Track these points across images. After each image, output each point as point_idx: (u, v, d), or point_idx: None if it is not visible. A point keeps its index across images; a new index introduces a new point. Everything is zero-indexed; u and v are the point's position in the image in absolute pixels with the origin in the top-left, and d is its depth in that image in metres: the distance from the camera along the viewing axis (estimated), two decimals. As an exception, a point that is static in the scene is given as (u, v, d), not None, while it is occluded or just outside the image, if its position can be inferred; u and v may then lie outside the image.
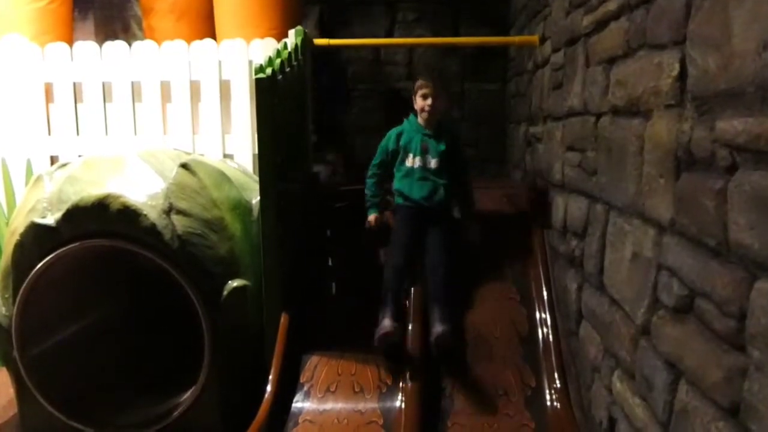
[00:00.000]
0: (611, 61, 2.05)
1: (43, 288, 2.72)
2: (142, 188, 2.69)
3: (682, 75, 1.48)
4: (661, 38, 1.61)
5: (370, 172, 3.04)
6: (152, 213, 2.61)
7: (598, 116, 2.21)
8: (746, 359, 1.21)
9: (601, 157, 2.21)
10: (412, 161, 2.91)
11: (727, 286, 1.28)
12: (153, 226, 2.60)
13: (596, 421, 2.20)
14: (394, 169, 2.99)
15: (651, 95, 1.69)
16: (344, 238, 3.33)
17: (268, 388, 2.55)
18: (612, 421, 2.03)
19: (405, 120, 2.99)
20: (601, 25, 2.16)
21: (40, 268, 2.65)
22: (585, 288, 2.38)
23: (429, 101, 2.83)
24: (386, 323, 2.60)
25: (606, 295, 2.11)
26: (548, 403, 2.49)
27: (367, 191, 3.05)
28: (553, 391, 2.50)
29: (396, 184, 2.99)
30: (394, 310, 2.67)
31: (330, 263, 3.33)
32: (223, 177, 2.93)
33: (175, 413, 2.70)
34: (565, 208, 2.68)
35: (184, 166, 2.78)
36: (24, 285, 2.67)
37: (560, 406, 2.44)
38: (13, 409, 2.99)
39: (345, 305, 3.08)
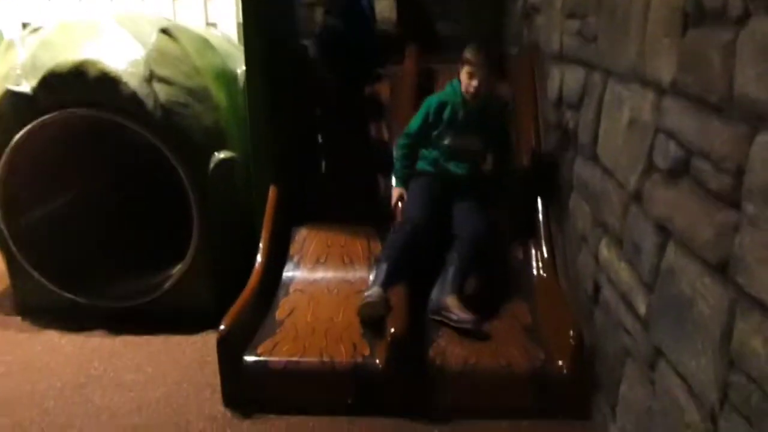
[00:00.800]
0: None
1: (26, 158, 2.66)
2: (120, 54, 2.57)
3: None
4: None
5: (402, 141, 2.67)
6: (132, 80, 2.52)
7: (603, -24, 2.08)
8: (739, 215, 1.19)
9: (602, 22, 2.11)
10: (452, 140, 2.60)
11: (726, 142, 1.24)
12: (134, 94, 2.51)
13: (582, 289, 2.24)
14: (430, 141, 2.65)
15: (661, -55, 1.57)
16: (334, 114, 3.24)
17: (258, 258, 2.57)
18: (597, 288, 2.06)
19: (448, 85, 2.65)
20: None
21: (19, 137, 2.58)
22: (577, 160, 2.35)
23: (475, 82, 2.49)
24: (374, 291, 2.32)
25: (599, 166, 2.08)
26: (534, 272, 2.53)
27: (396, 161, 2.70)
28: (539, 261, 2.54)
29: (429, 155, 2.67)
30: (387, 279, 2.36)
31: (320, 139, 3.27)
32: (206, 44, 2.81)
33: (166, 285, 2.74)
34: (561, 79, 2.60)
35: (165, 31, 2.65)
36: (5, 154, 2.61)
37: (546, 274, 2.48)
38: (4, 283, 3.02)
39: (334, 181, 3.06)
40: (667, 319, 1.51)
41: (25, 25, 3.34)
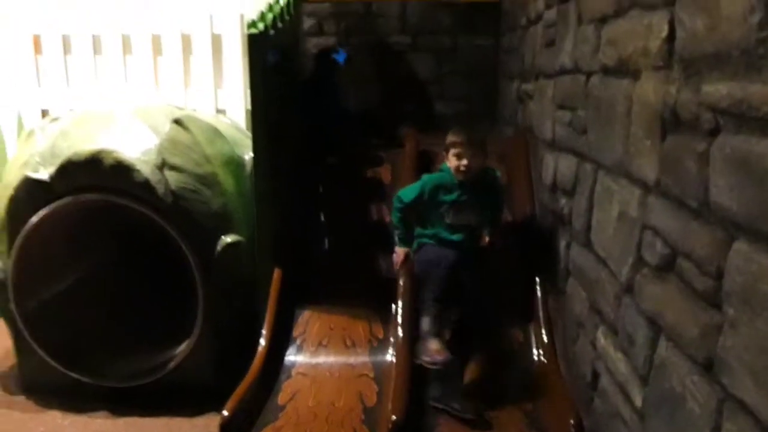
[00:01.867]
0: (603, 20, 2.04)
1: (38, 241, 2.75)
2: (134, 143, 2.70)
3: (671, 36, 1.49)
4: (653, -2, 1.61)
5: (397, 205, 2.70)
6: (145, 168, 2.63)
7: (589, 75, 2.21)
8: (721, 317, 1.25)
9: (590, 116, 2.22)
10: (453, 219, 2.64)
11: (707, 246, 1.31)
12: (146, 181, 2.61)
13: (580, 374, 2.27)
14: (426, 219, 2.72)
15: (640, 56, 1.69)
16: (336, 194, 3.34)
17: (262, 341, 2.60)
18: (596, 375, 2.10)
19: (439, 171, 2.73)
20: (594, -18, 2.15)
21: (34, 221, 2.67)
22: (573, 245, 2.42)
23: (464, 161, 2.56)
24: (433, 346, 2.43)
25: (593, 253, 2.15)
26: (534, 358, 2.56)
27: (397, 227, 2.74)
28: (539, 347, 2.57)
29: (427, 231, 2.72)
30: (437, 326, 2.51)
31: (322, 219, 3.36)
32: (215, 133, 2.93)
33: (170, 365, 2.77)
34: (555, 165, 2.70)
35: (177, 121, 2.78)
36: (19, 238, 2.70)
37: (547, 359, 2.51)
38: (10, 360, 3.07)
39: (336, 261, 3.12)
40: (661, 413, 1.54)
41: (44, 113, 3.50)
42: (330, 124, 3.49)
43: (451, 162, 2.62)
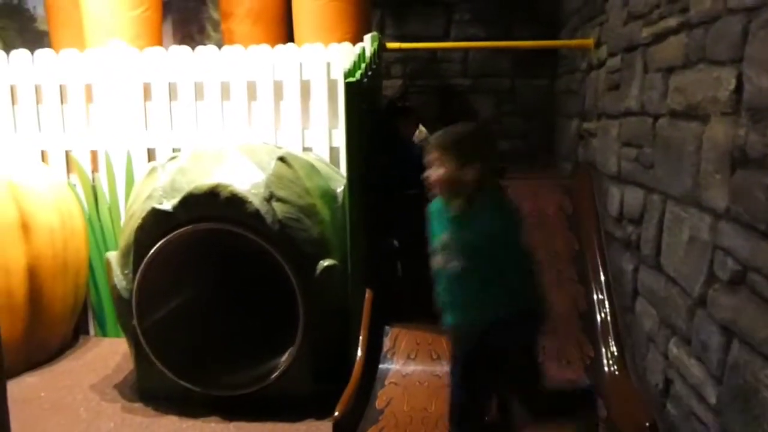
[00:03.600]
0: (670, 70, 2.36)
1: (159, 264, 3.12)
2: (245, 178, 3.07)
3: (739, 88, 1.79)
4: (720, 56, 1.92)
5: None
6: (256, 200, 3.00)
7: (656, 117, 2.51)
8: (791, 318, 1.53)
9: (658, 153, 2.51)
10: (436, 260, 2.10)
11: (775, 261, 1.60)
12: (257, 211, 2.98)
13: (651, 384, 2.52)
14: None
15: (709, 103, 2.00)
16: (415, 222, 3.67)
17: (359, 353, 2.92)
18: (668, 382, 2.35)
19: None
20: (660, 37, 2.47)
21: (158, 247, 3.06)
22: (641, 268, 2.70)
23: (440, 171, 2.02)
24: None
25: (663, 274, 2.43)
26: (606, 369, 2.82)
27: None
28: (611, 359, 2.83)
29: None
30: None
31: (397, 244, 3.69)
32: (313, 168, 3.30)
33: (273, 376, 3.10)
34: (621, 197, 2.99)
35: (282, 159, 3.16)
36: (144, 262, 3.08)
37: (618, 370, 2.77)
38: (123, 373, 3.45)
39: (415, 283, 3.42)
40: (736, 406, 1.80)
41: (150, 153, 3.92)
42: (404, 161, 3.85)
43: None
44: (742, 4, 1.79)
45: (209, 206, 3.02)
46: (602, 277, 3.11)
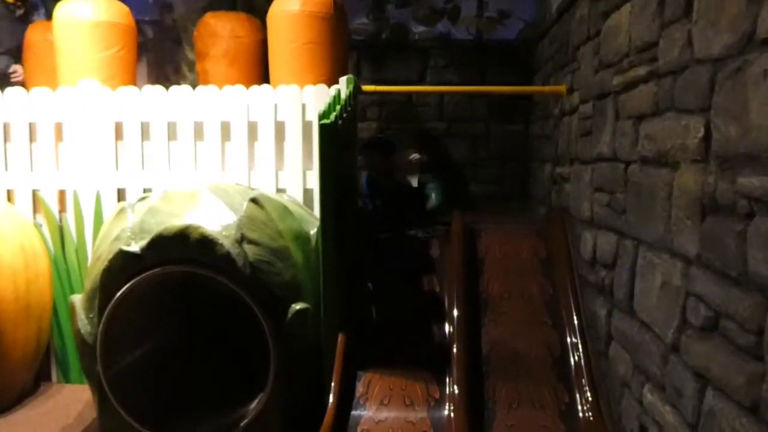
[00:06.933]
0: (640, 117, 2.40)
1: (126, 308, 3.03)
2: (216, 220, 3.02)
3: (707, 137, 1.82)
4: (688, 104, 1.96)
5: None
6: (227, 242, 2.94)
7: (628, 164, 2.55)
8: (764, 366, 1.52)
9: (630, 199, 2.54)
10: None
11: (747, 308, 1.60)
12: (228, 254, 2.92)
13: (627, 430, 2.49)
14: None
15: (679, 150, 2.02)
16: (391, 267, 3.65)
17: (330, 399, 2.85)
18: (643, 429, 2.32)
19: None
20: (630, 85, 2.52)
21: (125, 290, 2.97)
22: (614, 313, 2.69)
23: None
24: None
25: (636, 319, 2.42)
26: (581, 415, 2.78)
27: None
28: (585, 405, 2.80)
29: None
30: None
31: (370, 287, 3.65)
32: (286, 210, 3.27)
33: (242, 423, 2.99)
34: (594, 242, 3.01)
35: (254, 200, 3.12)
36: (110, 306, 2.99)
37: (593, 416, 2.73)
38: (84, 422, 3.31)
39: (391, 327, 3.39)
40: (711, 455, 1.78)
41: (120, 193, 3.87)
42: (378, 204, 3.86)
43: None
44: (709, 54, 1.83)
45: (179, 248, 2.95)
46: (576, 322, 3.10)
